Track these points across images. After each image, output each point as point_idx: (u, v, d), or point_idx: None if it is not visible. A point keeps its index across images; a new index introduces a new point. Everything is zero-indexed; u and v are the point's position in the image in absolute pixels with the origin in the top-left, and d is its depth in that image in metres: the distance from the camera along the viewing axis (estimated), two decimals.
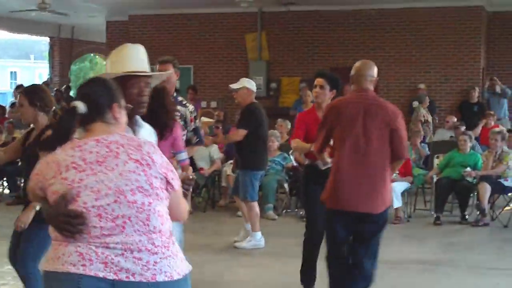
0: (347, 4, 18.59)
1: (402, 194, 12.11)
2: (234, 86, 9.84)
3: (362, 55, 18.96)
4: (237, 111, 12.63)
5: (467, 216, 12.06)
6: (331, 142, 6.34)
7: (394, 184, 11.98)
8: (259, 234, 9.97)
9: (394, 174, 12.13)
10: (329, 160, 6.58)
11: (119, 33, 22.01)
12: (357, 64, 6.35)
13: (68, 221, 3.12)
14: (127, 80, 4.04)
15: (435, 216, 11.97)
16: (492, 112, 16.37)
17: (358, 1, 18.11)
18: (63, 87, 22.73)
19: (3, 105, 20.53)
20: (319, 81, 7.51)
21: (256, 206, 9.95)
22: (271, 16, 19.85)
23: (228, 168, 13.00)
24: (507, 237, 10.91)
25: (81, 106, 3.36)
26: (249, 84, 9.81)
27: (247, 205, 10.04)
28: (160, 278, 3.19)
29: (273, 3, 18.84)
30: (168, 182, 3.32)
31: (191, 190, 3.96)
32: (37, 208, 5.56)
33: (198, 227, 11.12)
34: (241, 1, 16.61)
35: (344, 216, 6.17)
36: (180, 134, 6.47)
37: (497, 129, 12.82)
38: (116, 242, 3.15)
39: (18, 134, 13.22)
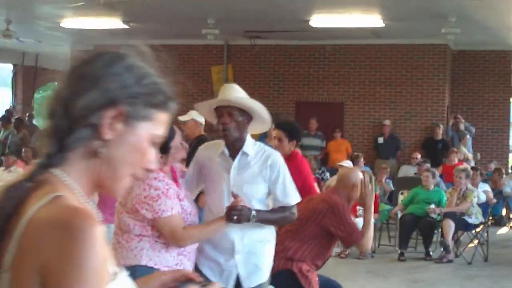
0: (312, 39, 18.66)
1: None
2: (182, 118, 9.65)
3: (326, 90, 19.09)
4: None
5: (431, 253, 12.08)
6: None
7: (358, 220, 11.99)
8: None
9: (360, 210, 12.20)
10: None
11: None
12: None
13: None
14: (217, 112, 4.81)
15: (399, 252, 11.97)
16: (456, 149, 16.48)
17: (323, 36, 18.18)
18: (27, 115, 22.51)
19: None
20: (277, 133, 7.43)
21: None
22: (237, 49, 19.87)
23: None
24: (471, 274, 10.93)
25: None
26: (197, 116, 9.56)
27: None
28: None
29: (239, 36, 18.86)
30: (138, 211, 4.39)
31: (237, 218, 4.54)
32: None
33: None
34: (208, 34, 16.58)
35: None
36: None
37: (461, 167, 12.88)
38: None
39: None
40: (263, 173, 4.78)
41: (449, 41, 17.70)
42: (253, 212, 4.58)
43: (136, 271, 4.21)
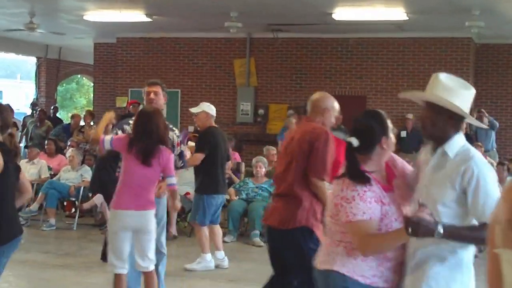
0: (335, 32, 18.61)
1: None
2: (193, 110, 10.05)
3: (349, 84, 19.04)
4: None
5: None
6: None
7: None
8: (209, 255, 10.01)
9: None
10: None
11: (106, 55, 21.98)
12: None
13: None
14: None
15: None
16: (479, 144, 16.35)
17: (345, 30, 18.14)
18: (52, 107, 22.63)
19: None
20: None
21: (205, 229, 9.93)
22: (260, 42, 19.84)
23: None
24: None
25: (354, 142, 4.35)
26: (208, 108, 9.92)
27: (195, 227, 10.13)
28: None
29: (261, 29, 18.83)
30: (338, 213, 4.18)
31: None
32: None
33: (183, 252, 11.00)
34: (230, 27, 16.57)
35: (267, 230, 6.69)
36: (170, 158, 6.55)
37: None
38: None
39: None
40: (452, 178, 4.05)
41: (472, 35, 17.58)
42: (439, 228, 3.79)
43: (327, 276, 4.17)
